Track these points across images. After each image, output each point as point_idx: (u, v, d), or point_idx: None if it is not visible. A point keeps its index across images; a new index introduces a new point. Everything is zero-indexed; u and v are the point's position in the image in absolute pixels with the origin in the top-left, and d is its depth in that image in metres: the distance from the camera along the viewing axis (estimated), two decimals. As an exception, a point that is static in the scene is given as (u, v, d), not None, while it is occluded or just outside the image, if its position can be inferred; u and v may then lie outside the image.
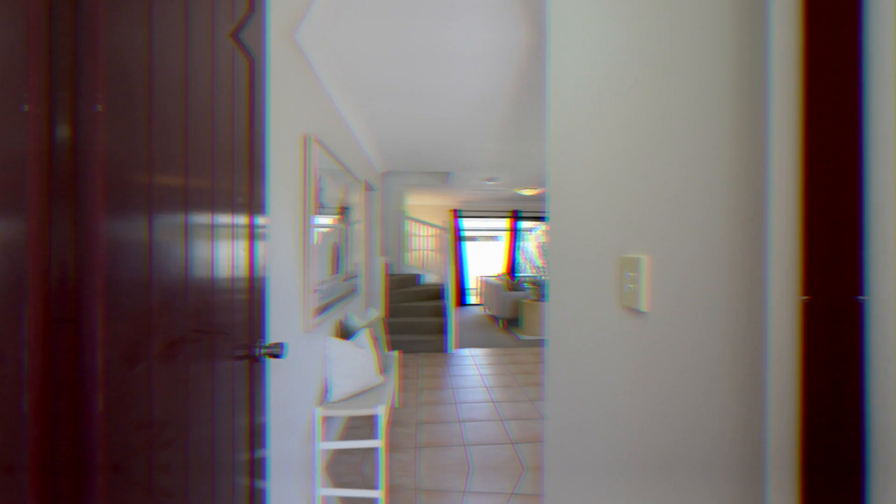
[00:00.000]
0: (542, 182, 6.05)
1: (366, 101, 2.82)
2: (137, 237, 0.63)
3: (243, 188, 0.99)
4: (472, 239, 17.05)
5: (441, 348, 4.72)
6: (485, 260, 14.81)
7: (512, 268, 8.38)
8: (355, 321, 2.84)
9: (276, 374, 1.58)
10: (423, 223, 6.10)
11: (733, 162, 0.54)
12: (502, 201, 8.26)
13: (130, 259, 0.61)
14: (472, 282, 12.31)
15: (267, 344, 1.11)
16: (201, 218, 0.80)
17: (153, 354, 0.66)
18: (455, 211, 8.20)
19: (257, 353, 1.07)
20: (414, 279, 5.96)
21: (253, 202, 1.05)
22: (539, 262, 12.77)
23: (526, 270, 12.35)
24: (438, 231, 8.17)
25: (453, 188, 6.56)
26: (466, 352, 4.74)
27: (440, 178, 6.07)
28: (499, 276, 7.53)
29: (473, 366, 4.19)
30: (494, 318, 6.73)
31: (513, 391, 3.41)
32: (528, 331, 5.52)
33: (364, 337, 2.49)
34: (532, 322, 5.48)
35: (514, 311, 6.04)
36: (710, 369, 0.57)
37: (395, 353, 3.09)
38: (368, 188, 4.30)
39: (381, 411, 2.06)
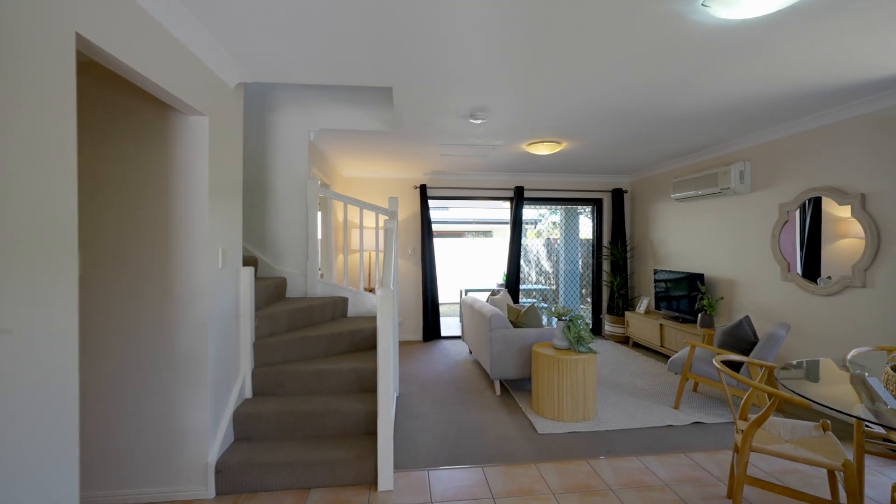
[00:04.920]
0: (593, 122, 3.81)
1: None
2: None
3: None
4: (449, 235, 14.94)
5: (365, 476, 2.43)
6: (466, 266, 12.51)
7: (514, 280, 6.14)
8: None
9: None
10: (356, 204, 3.80)
11: None
12: (496, 172, 6.02)
13: None
14: (448, 300, 10.18)
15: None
16: None
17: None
18: (421, 188, 5.91)
19: None
20: (333, 308, 3.65)
21: None
22: (547, 267, 10.57)
23: (529, 279, 10.18)
24: (404, 220, 5.90)
25: (410, 139, 4.27)
26: (424, 480, 2.47)
27: (381, 117, 3.77)
28: (495, 292, 5.28)
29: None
30: (491, 377, 4.48)
31: None
32: (551, 410, 3.28)
33: None
34: (560, 392, 3.24)
35: (522, 365, 3.79)
36: None
37: None
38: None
39: None
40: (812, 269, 3.54)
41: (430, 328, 5.93)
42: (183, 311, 2.26)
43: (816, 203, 3.51)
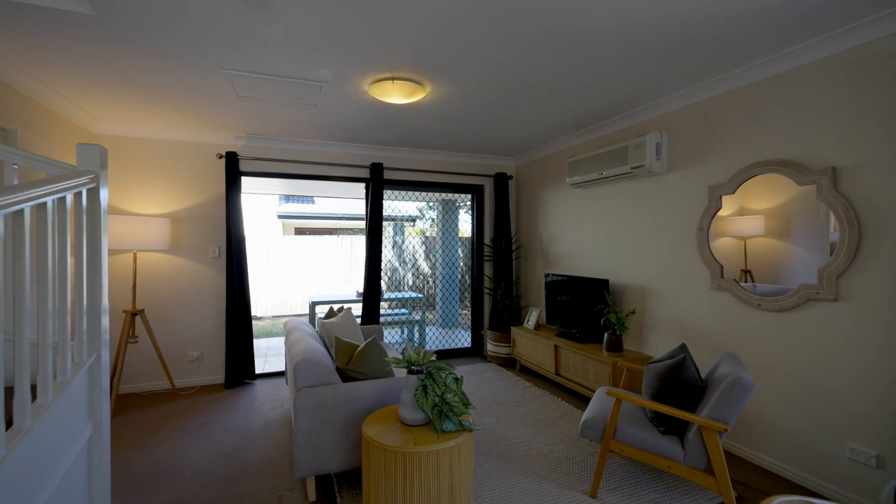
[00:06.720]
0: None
1: None
2: None
3: None
4: (319, 232, 12.80)
5: None
6: (336, 269, 10.43)
7: (373, 291, 4.52)
8: None
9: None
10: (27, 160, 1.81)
11: None
12: (344, 142, 4.36)
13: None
14: (299, 312, 8.30)
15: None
16: None
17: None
18: (228, 158, 3.98)
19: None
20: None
21: None
22: (427, 269, 9.16)
23: (406, 285, 8.72)
24: (203, 204, 3.90)
25: (156, 50, 2.36)
26: None
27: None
28: (331, 312, 3.60)
29: None
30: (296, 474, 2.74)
31: None
32: (394, 546, 1.74)
33: None
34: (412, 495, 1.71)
35: (354, 447, 2.20)
36: None
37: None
38: None
39: None
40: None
41: (238, 365, 4.01)
42: None
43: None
